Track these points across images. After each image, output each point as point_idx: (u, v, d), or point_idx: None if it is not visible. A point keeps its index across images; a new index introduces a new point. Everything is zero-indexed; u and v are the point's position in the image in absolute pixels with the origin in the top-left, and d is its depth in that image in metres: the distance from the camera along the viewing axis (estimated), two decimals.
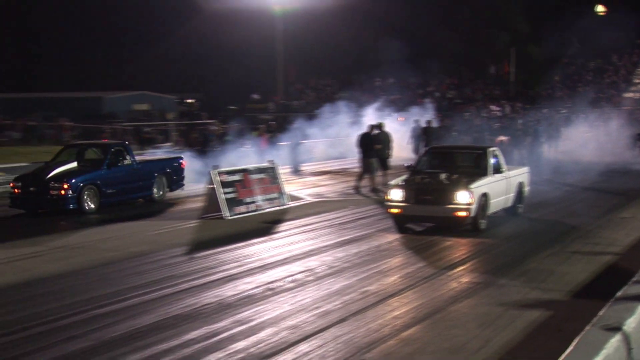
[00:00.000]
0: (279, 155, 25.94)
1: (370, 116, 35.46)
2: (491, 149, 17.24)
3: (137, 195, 20.80)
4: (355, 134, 34.22)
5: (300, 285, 11.26)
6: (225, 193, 17.96)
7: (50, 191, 18.45)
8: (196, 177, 22.79)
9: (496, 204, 16.16)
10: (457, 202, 14.99)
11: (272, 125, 38.06)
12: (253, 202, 18.74)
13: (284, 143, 31.52)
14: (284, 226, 17.01)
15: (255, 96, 58.45)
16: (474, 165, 16.55)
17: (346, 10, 56.80)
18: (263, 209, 18.86)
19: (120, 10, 77.76)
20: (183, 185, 22.33)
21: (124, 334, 8.88)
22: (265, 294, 10.72)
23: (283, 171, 22.21)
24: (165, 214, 19.23)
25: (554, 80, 55.72)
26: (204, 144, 28.63)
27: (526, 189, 17.98)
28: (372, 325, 9.14)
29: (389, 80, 56.24)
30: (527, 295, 10.56)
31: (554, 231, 16.07)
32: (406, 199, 15.44)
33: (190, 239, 15.46)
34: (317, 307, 9.96)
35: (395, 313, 9.72)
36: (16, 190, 18.88)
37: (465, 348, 8.27)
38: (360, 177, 23.36)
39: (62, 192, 18.34)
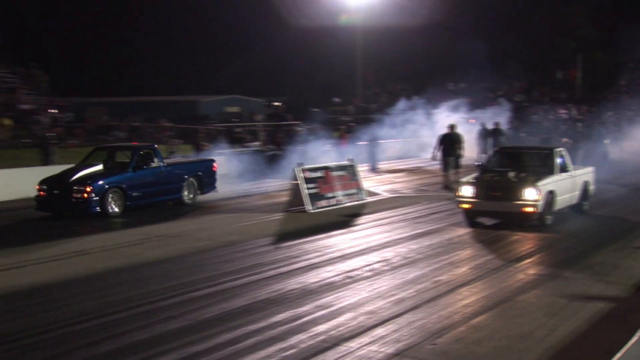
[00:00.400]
0: (358, 154, 25.90)
1: (443, 118, 35.17)
2: (558, 149, 16.96)
3: (165, 198, 19.28)
4: (429, 134, 34.25)
5: (377, 274, 11.27)
6: (308, 188, 18.08)
7: (74, 194, 17.01)
8: (282, 173, 22.93)
9: (562, 201, 15.89)
10: (524, 198, 14.80)
11: (352, 126, 38.05)
12: (334, 197, 18.80)
13: (363, 143, 31.49)
14: (362, 219, 17.03)
15: (336, 99, 58.46)
16: (541, 165, 16.30)
17: (420, 19, 56.49)
18: (343, 204, 18.91)
19: (215, 21, 78.97)
20: (215, 188, 20.85)
21: (217, 315, 9.03)
22: (345, 282, 10.76)
23: (361, 169, 22.21)
24: (253, 207, 19.41)
25: (619, 84, 54.31)
26: (287, 143, 28.84)
27: (591, 187, 17.60)
28: (444, 312, 9.10)
29: (461, 85, 55.69)
30: (592, 288, 10.36)
31: (618, 227, 15.72)
32: (477, 195, 15.32)
33: (276, 230, 15.60)
34: (393, 295, 9.96)
35: (465, 301, 9.65)
36: (42, 193, 17.55)
37: (531, 336, 8.17)
38: (447, 175, 23.15)
39: (85, 195, 16.91)
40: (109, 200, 17.31)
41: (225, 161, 28.17)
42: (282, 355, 7.60)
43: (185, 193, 19.67)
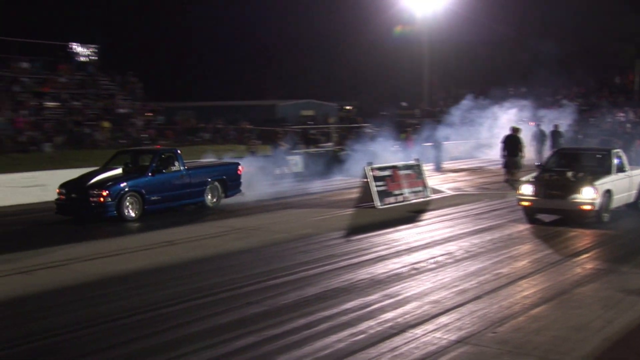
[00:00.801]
0: (423, 155, 25.75)
1: (505, 121, 34.65)
2: (615, 150, 16.53)
3: (186, 202, 18.03)
4: (490, 136, 33.80)
5: (440, 266, 11.17)
6: (377, 186, 18.04)
7: (90, 198, 16.06)
8: (352, 172, 22.92)
9: (619, 199, 15.48)
10: (582, 197, 14.48)
11: (418, 128, 37.81)
12: (401, 194, 18.72)
13: (428, 144, 31.30)
14: (427, 215, 16.90)
15: (404, 104, 58.19)
16: (599, 165, 15.90)
17: (484, 27, 55.84)
18: (409, 200, 18.81)
19: (292, 30, 79.55)
20: (240, 191, 19.63)
21: (293, 302, 9.08)
22: (411, 273, 10.70)
23: (427, 168, 22.03)
24: (326, 203, 19.45)
25: None
26: (358, 144, 28.83)
27: None
28: (504, 303, 8.95)
29: (522, 89, 54.73)
30: None
31: None
32: (536, 194, 15.05)
33: (347, 224, 15.60)
34: (456, 286, 9.85)
35: (525, 293, 9.48)
36: (61, 197, 16.65)
37: (588, 327, 7.97)
38: (511, 173, 22.80)
39: (101, 199, 15.96)
40: (127, 204, 16.33)
41: (300, 160, 28.40)
42: (352, 339, 7.59)
43: (209, 197, 18.51)
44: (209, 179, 18.50)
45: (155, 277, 10.74)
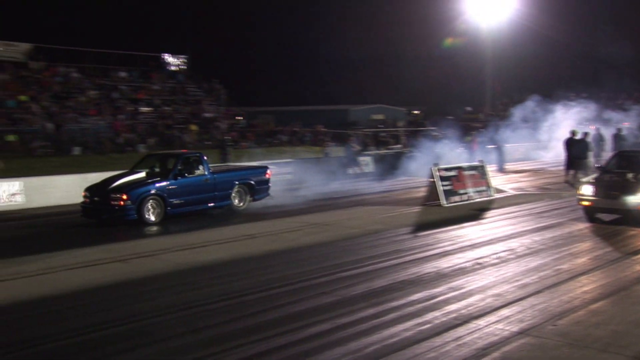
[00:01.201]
0: (487, 156, 25.33)
1: (567, 125, 33.79)
2: None
3: (209, 206, 16.94)
4: (551, 139, 33.01)
5: (503, 261, 10.97)
6: (443, 185, 17.85)
7: (111, 202, 15.31)
8: (419, 172, 22.75)
9: None
10: None
11: (481, 131, 37.23)
12: (465, 193, 18.47)
13: (491, 146, 30.78)
14: (490, 213, 16.63)
15: (468, 108, 57.41)
16: None
17: (545, 35, 54.65)
18: (473, 199, 18.53)
19: (363, 41, 79.56)
20: (268, 194, 18.56)
21: (362, 293, 9.07)
22: (474, 267, 10.55)
23: (490, 169, 21.64)
24: (395, 201, 19.34)
25: None
26: (425, 146, 28.62)
27: None
28: (564, 297, 8.73)
29: (583, 94, 53.28)
30: None
31: None
32: (596, 194, 14.61)
33: (414, 221, 15.49)
34: (517, 280, 9.66)
35: (585, 289, 9.22)
36: (86, 200, 15.92)
37: None
38: (574, 175, 22.27)
39: (122, 202, 15.17)
40: (148, 207, 15.50)
41: (370, 160, 28.36)
42: (418, 329, 7.54)
43: (236, 201, 17.51)
44: (236, 183, 17.50)
45: (238, 267, 10.89)
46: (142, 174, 16.46)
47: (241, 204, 17.61)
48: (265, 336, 7.35)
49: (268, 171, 18.71)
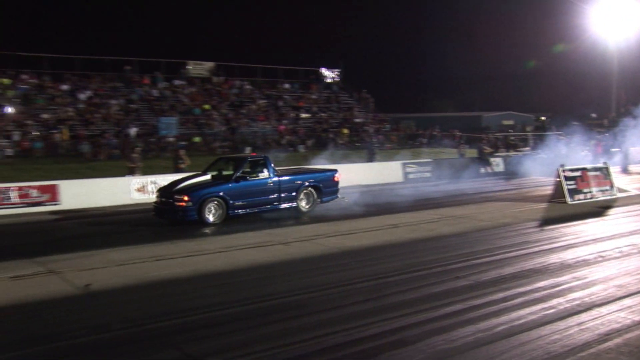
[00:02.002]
0: (611, 159, 23.77)
1: None
2: None
3: (273, 207, 15.53)
4: None
5: (625, 255, 10.30)
6: (568, 184, 17.00)
7: (175, 203, 14.36)
8: (546, 172, 21.80)
9: None
10: None
11: (606, 136, 34.94)
12: (589, 192, 17.46)
13: (615, 149, 28.89)
14: (612, 211, 15.62)
15: (593, 115, 54.04)
16: None
17: None
18: (596, 198, 17.47)
19: (496, 54, 76.99)
20: (337, 196, 16.92)
21: (492, 279, 8.88)
22: (597, 260, 9.99)
23: (614, 170, 20.30)
24: (523, 197, 18.64)
25: None
26: (551, 149, 27.37)
27: None
28: None
29: None
30: None
31: None
32: None
33: (541, 216, 14.87)
34: (639, 273, 9.08)
35: None
36: (157, 200, 15.11)
37: None
38: None
39: (183, 203, 14.22)
40: (210, 208, 14.45)
41: (501, 161, 27.53)
42: (543, 313, 7.29)
43: (303, 202, 16.14)
44: (302, 185, 16.07)
45: (383, 252, 10.93)
46: (208, 177, 15.49)
47: (307, 206, 16.22)
48: (405, 313, 7.38)
49: (336, 174, 17.09)
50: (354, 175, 22.92)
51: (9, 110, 34.06)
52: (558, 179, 17.06)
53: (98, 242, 12.62)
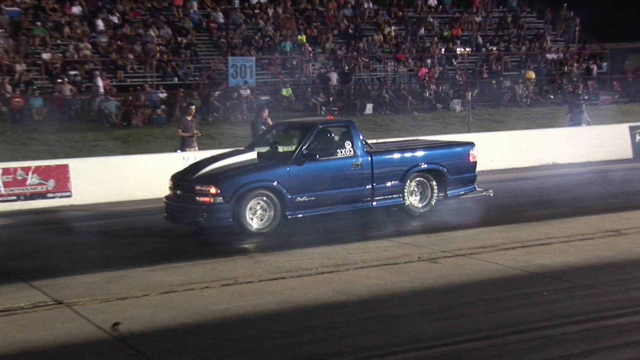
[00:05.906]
0: None
1: None
2: None
3: (363, 205, 15.03)
4: None
5: None
6: None
7: (195, 197, 13.83)
8: None
9: None
10: None
11: None
12: None
13: None
14: None
15: None
16: None
17: None
18: None
19: None
20: (473, 188, 16.31)
21: None
22: None
23: None
24: None
25: None
26: None
27: None
28: None
29: None
30: None
31: None
32: None
33: None
34: None
35: None
36: (170, 194, 14.70)
37: None
38: None
39: (209, 199, 13.68)
40: (253, 207, 14.06)
41: None
42: None
43: (412, 198, 15.55)
44: (412, 170, 15.46)
45: (595, 275, 10.96)
46: (253, 155, 15.15)
47: (421, 204, 15.72)
48: None
49: (472, 150, 16.39)
50: (543, 149, 23.78)
51: None
52: None
53: (126, 254, 12.97)
